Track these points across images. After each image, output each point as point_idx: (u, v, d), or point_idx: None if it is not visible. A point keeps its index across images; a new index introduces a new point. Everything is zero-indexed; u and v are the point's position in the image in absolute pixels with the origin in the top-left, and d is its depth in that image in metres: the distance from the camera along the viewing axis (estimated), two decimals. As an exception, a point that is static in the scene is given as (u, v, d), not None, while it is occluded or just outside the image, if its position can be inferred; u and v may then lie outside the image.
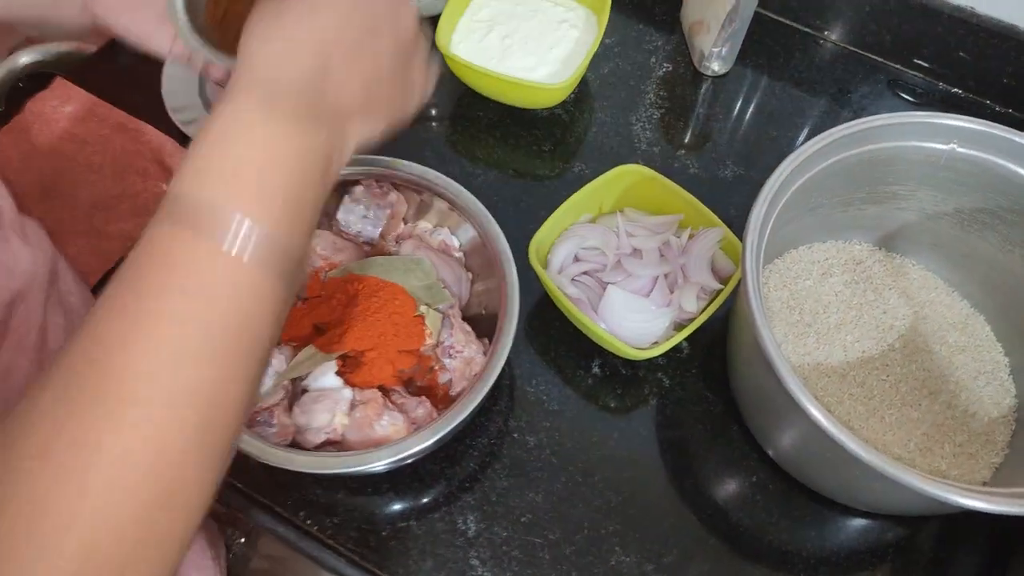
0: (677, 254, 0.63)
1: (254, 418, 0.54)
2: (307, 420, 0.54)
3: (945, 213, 0.64)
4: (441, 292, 0.59)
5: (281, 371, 0.55)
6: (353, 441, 0.54)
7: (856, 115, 0.81)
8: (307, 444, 0.54)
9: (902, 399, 0.62)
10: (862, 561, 0.59)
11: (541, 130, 0.78)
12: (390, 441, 0.53)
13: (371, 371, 0.57)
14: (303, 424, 0.54)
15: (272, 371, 0.55)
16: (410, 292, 0.58)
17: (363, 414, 0.54)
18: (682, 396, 0.65)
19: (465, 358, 0.57)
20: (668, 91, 0.81)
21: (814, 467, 0.58)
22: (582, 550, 0.58)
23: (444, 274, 0.61)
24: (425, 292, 0.59)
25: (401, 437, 0.53)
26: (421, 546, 0.58)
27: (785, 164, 0.55)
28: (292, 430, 0.55)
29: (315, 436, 0.54)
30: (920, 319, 0.66)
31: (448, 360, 0.57)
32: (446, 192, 0.62)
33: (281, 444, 0.53)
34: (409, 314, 0.58)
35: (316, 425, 0.54)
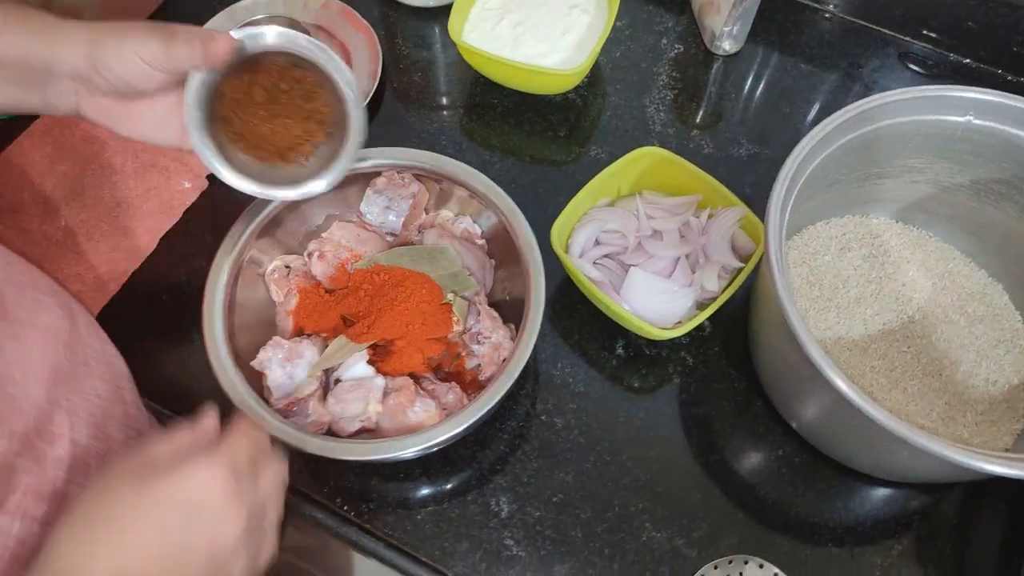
0: (697, 234, 0.64)
1: (291, 409, 0.55)
2: (342, 409, 0.55)
3: (961, 185, 0.65)
4: (467, 280, 0.60)
5: (314, 363, 0.57)
6: (387, 428, 0.55)
7: (867, 89, 0.81)
8: (342, 432, 0.56)
9: (923, 370, 0.62)
10: (888, 529, 0.60)
11: (555, 116, 0.79)
12: (423, 427, 0.54)
13: (401, 359, 0.58)
14: (338, 413, 0.56)
15: (305, 363, 0.57)
16: (436, 281, 0.59)
17: (396, 401, 0.55)
18: (705, 374, 0.66)
19: (493, 344, 0.58)
20: (680, 72, 0.81)
21: (839, 438, 0.59)
22: (613, 527, 0.59)
23: (468, 262, 0.62)
24: (451, 280, 0.60)
25: (434, 423, 0.55)
26: (456, 528, 0.59)
27: (803, 143, 0.55)
28: (327, 419, 0.56)
29: (350, 424, 0.55)
30: (939, 291, 0.66)
31: (476, 346, 0.59)
32: (466, 180, 0.63)
33: (317, 434, 0.55)
34: (436, 302, 0.59)
35: (351, 414, 0.55)
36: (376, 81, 0.77)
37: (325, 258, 0.63)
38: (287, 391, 0.56)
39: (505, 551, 0.59)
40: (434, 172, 0.64)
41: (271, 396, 0.56)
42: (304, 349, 0.57)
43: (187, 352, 0.65)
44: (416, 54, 0.83)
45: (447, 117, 0.79)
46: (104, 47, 0.46)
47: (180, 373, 0.64)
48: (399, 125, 0.78)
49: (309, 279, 0.63)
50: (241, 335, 0.59)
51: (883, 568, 0.58)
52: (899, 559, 0.59)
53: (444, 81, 0.82)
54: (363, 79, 0.78)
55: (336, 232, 0.64)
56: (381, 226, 0.64)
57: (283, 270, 0.63)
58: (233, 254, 0.59)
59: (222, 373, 0.54)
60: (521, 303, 0.60)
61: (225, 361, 0.54)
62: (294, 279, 0.62)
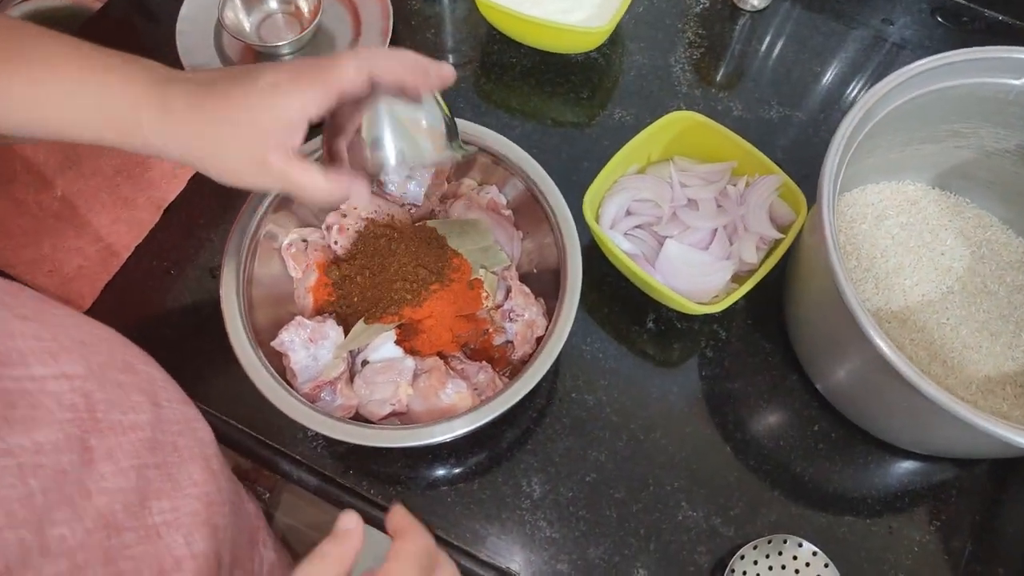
0: (736, 204, 0.61)
1: (317, 394, 0.53)
2: (370, 392, 0.53)
3: (1006, 150, 0.62)
4: (498, 254, 0.57)
5: (340, 343, 0.54)
6: (418, 411, 0.53)
7: (899, 47, 0.78)
8: (372, 417, 0.53)
9: (963, 342, 0.61)
10: (924, 503, 0.59)
11: (577, 76, 0.75)
12: (456, 409, 0.52)
13: (429, 338, 0.56)
14: (367, 396, 0.53)
15: (331, 343, 0.54)
16: (465, 255, 0.57)
17: (427, 383, 0.53)
18: (739, 347, 0.64)
19: (527, 321, 0.56)
20: (707, 29, 0.78)
21: (881, 412, 0.57)
22: (648, 507, 0.58)
23: (497, 234, 0.59)
24: (481, 254, 0.57)
25: (467, 404, 0.52)
26: (487, 510, 0.58)
27: (855, 111, 0.52)
28: (355, 403, 0.53)
29: (380, 408, 0.53)
30: (978, 259, 0.64)
31: (509, 324, 0.56)
32: (492, 146, 0.60)
33: (345, 418, 0.52)
34: (465, 279, 0.56)
35: (380, 397, 0.53)
36: (387, 39, 0.73)
37: (344, 230, 0.59)
38: (313, 374, 0.53)
39: (538, 533, 0.57)
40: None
41: (295, 380, 0.53)
42: (329, 329, 0.54)
43: (202, 329, 0.62)
44: (428, 9, 0.78)
45: (463, 77, 0.75)
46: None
47: (196, 354, 0.61)
48: (412, 86, 0.74)
49: (328, 253, 0.60)
50: (259, 312, 0.56)
51: (921, 543, 0.58)
52: (936, 533, 0.58)
53: (458, 38, 0.77)
54: (373, 36, 0.74)
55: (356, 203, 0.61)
56: (403, 196, 0.61)
57: (300, 244, 0.60)
58: (251, 228, 0.56)
59: (244, 356, 0.51)
60: (549, 274, 0.57)
61: (246, 344, 0.52)
62: (312, 254, 0.59)
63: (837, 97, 0.75)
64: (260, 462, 0.59)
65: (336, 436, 0.49)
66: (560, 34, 0.69)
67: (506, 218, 0.61)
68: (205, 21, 0.74)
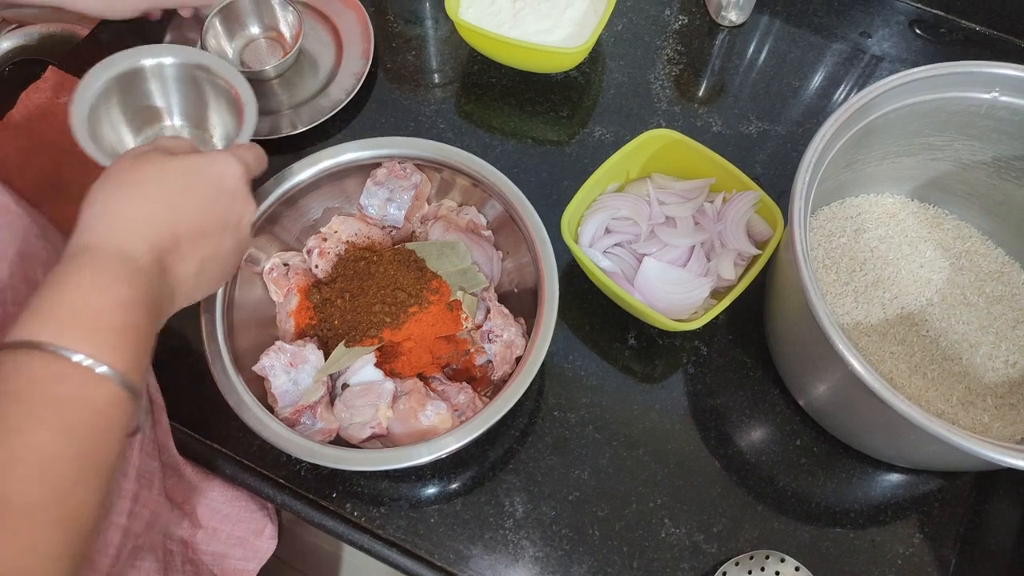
0: (713, 221, 0.61)
1: (297, 418, 0.53)
2: (350, 415, 0.53)
3: (982, 162, 0.63)
4: (476, 276, 0.58)
5: (320, 367, 0.54)
6: (398, 434, 0.53)
7: (878, 59, 0.79)
8: (352, 439, 0.54)
9: (943, 354, 0.61)
10: (908, 516, 0.59)
11: (557, 95, 0.75)
12: (436, 431, 0.52)
13: (410, 360, 0.56)
14: (347, 420, 0.53)
15: (311, 368, 0.54)
16: (444, 278, 0.57)
17: (407, 405, 0.53)
18: (720, 363, 0.64)
19: (505, 341, 0.56)
20: (685, 45, 0.78)
21: (860, 428, 0.57)
22: (631, 524, 0.58)
23: (476, 255, 0.59)
24: (460, 276, 0.57)
25: (447, 426, 0.53)
26: (470, 530, 0.58)
27: (825, 127, 0.53)
28: (336, 427, 0.54)
29: (360, 431, 0.53)
30: (957, 271, 0.65)
31: (488, 345, 0.56)
32: (470, 169, 0.60)
33: (325, 442, 0.53)
34: (444, 301, 0.57)
35: (360, 420, 0.53)
36: (368, 61, 0.74)
37: (325, 254, 0.60)
38: (293, 399, 0.53)
39: (522, 552, 0.57)
40: (435, 161, 0.61)
41: (276, 404, 0.54)
42: (308, 353, 0.54)
43: (183, 351, 0.63)
44: (409, 31, 0.79)
45: (444, 98, 0.76)
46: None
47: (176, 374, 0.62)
48: (394, 108, 0.75)
49: (309, 277, 0.60)
50: (240, 336, 0.56)
51: (905, 557, 0.58)
52: (921, 546, 0.58)
53: (439, 59, 0.78)
54: (355, 59, 0.74)
55: (336, 226, 0.61)
56: (383, 219, 0.62)
57: (282, 268, 0.60)
58: None
59: (223, 381, 0.52)
60: (530, 294, 0.58)
61: (226, 369, 0.52)
62: (294, 278, 0.59)
63: (816, 111, 0.75)
64: (244, 486, 0.60)
65: (313, 461, 0.50)
66: (538, 55, 0.70)
67: (485, 239, 0.62)
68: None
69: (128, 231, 0.40)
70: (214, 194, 0.45)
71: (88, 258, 0.39)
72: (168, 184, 0.43)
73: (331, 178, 0.61)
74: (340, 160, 0.60)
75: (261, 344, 0.56)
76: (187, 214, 0.43)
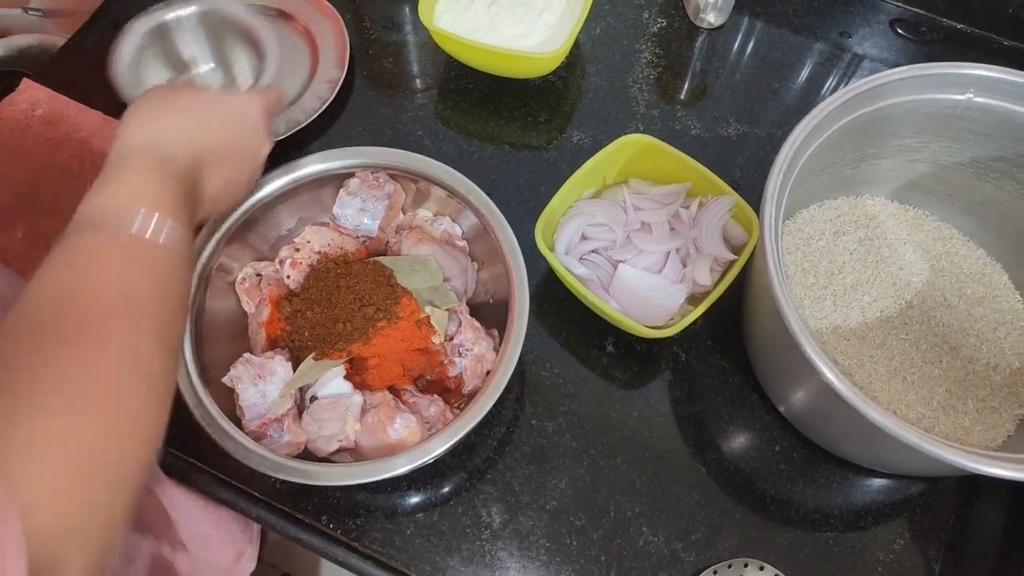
0: (688, 226, 0.61)
1: (264, 431, 0.52)
2: (318, 428, 0.53)
3: (960, 163, 0.62)
4: (447, 294, 0.57)
5: (287, 380, 0.54)
6: (366, 447, 0.53)
7: (858, 59, 0.78)
8: (319, 453, 0.53)
9: (923, 357, 0.61)
10: (889, 522, 0.59)
11: (535, 100, 0.75)
12: (405, 444, 0.52)
13: (380, 372, 0.56)
14: (314, 433, 0.53)
15: (278, 380, 0.54)
16: (415, 294, 0.56)
17: (375, 419, 0.53)
18: (699, 369, 0.64)
19: (476, 355, 0.55)
20: (664, 48, 0.78)
21: (838, 434, 0.57)
22: (610, 533, 0.58)
23: (450, 267, 0.59)
24: (430, 293, 0.57)
25: (416, 439, 0.52)
26: (447, 541, 0.57)
27: (799, 129, 0.52)
28: (303, 440, 0.53)
29: (327, 444, 0.53)
30: (937, 272, 0.64)
31: (459, 358, 0.56)
32: (444, 180, 0.60)
33: (292, 455, 0.52)
34: (414, 317, 0.56)
35: (328, 433, 0.53)
36: (344, 69, 0.73)
37: (297, 265, 0.59)
38: (261, 411, 0.53)
39: (499, 563, 0.57)
40: (410, 171, 0.60)
41: (244, 416, 0.53)
42: (276, 366, 0.54)
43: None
44: (386, 37, 0.79)
45: (421, 104, 0.75)
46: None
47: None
48: (371, 114, 0.74)
49: (281, 288, 0.60)
50: (211, 348, 0.56)
51: (885, 564, 0.57)
52: (901, 552, 0.58)
53: (417, 66, 0.78)
54: (330, 67, 0.74)
55: (309, 236, 0.61)
56: (356, 229, 0.61)
57: (254, 278, 0.60)
58: (201, 261, 0.56)
59: (189, 392, 0.51)
60: (505, 305, 0.57)
61: (192, 380, 0.51)
62: (266, 288, 0.59)
63: (796, 112, 0.75)
64: (220, 500, 0.59)
65: (276, 475, 0.49)
66: (514, 60, 0.69)
67: (460, 249, 0.61)
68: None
69: (167, 140, 0.45)
70: (238, 124, 0.50)
71: (136, 158, 0.43)
72: (200, 109, 0.48)
73: (305, 188, 0.61)
74: (314, 170, 0.60)
75: (234, 355, 0.55)
76: (215, 136, 0.48)
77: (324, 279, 0.58)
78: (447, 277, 0.59)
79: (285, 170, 0.60)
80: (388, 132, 0.74)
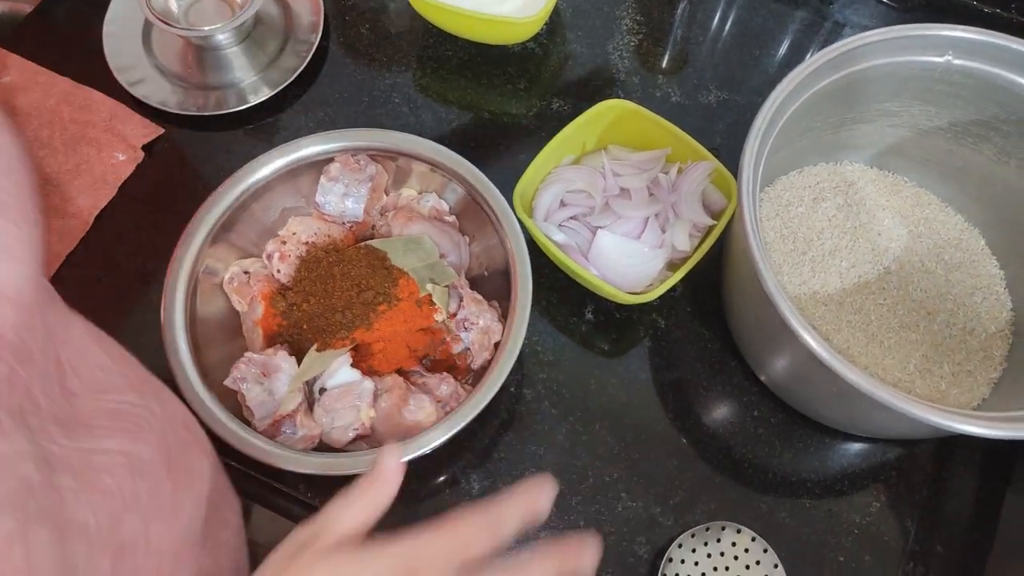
0: (667, 192, 0.60)
1: (277, 429, 0.52)
2: (332, 419, 0.52)
3: (939, 127, 0.62)
4: (445, 270, 0.57)
5: (294, 375, 0.53)
6: (384, 432, 0.52)
7: (839, 26, 0.78)
8: (336, 444, 0.53)
9: (900, 322, 0.61)
10: (865, 486, 0.59)
11: (514, 67, 0.74)
12: (421, 425, 0.52)
13: (386, 356, 0.55)
14: (328, 424, 0.52)
15: (285, 376, 0.53)
16: (411, 273, 0.56)
17: (389, 403, 0.52)
18: (678, 336, 0.64)
19: (482, 328, 0.55)
20: (644, 15, 0.77)
21: (815, 398, 0.57)
22: (588, 499, 0.58)
23: (443, 243, 0.58)
24: (428, 270, 0.56)
25: (432, 419, 0.52)
26: (427, 508, 0.57)
27: (776, 93, 0.52)
28: (318, 433, 0.52)
29: (343, 435, 0.52)
30: (915, 238, 0.64)
31: (465, 333, 0.55)
32: (425, 154, 0.59)
33: (309, 448, 0.52)
34: (414, 297, 0.55)
35: (342, 423, 0.52)
36: (318, 35, 0.72)
37: (286, 258, 0.58)
38: (270, 409, 0.52)
39: (478, 529, 0.57)
40: (389, 150, 0.59)
41: (253, 417, 0.53)
42: (281, 361, 0.53)
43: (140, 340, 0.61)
44: (362, 3, 0.77)
45: (399, 72, 0.74)
46: None
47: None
48: (347, 83, 0.73)
49: (272, 283, 0.58)
50: (208, 352, 0.55)
51: (861, 526, 0.58)
52: (877, 515, 0.58)
53: (394, 32, 0.76)
54: (304, 33, 0.73)
55: (294, 228, 0.59)
56: (341, 215, 0.60)
57: (242, 277, 0.58)
58: (186, 268, 0.55)
59: (197, 402, 0.50)
60: (500, 275, 0.57)
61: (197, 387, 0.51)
62: (256, 285, 0.58)
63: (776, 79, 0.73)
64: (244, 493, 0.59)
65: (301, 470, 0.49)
66: (492, 25, 0.68)
67: (450, 224, 0.61)
68: (134, 21, 0.73)
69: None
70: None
71: None
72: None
73: (283, 178, 0.60)
74: (290, 158, 0.59)
75: (231, 357, 0.54)
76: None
77: (316, 269, 0.57)
78: (442, 253, 0.58)
79: (260, 162, 0.58)
80: (365, 99, 0.72)
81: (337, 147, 0.59)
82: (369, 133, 0.59)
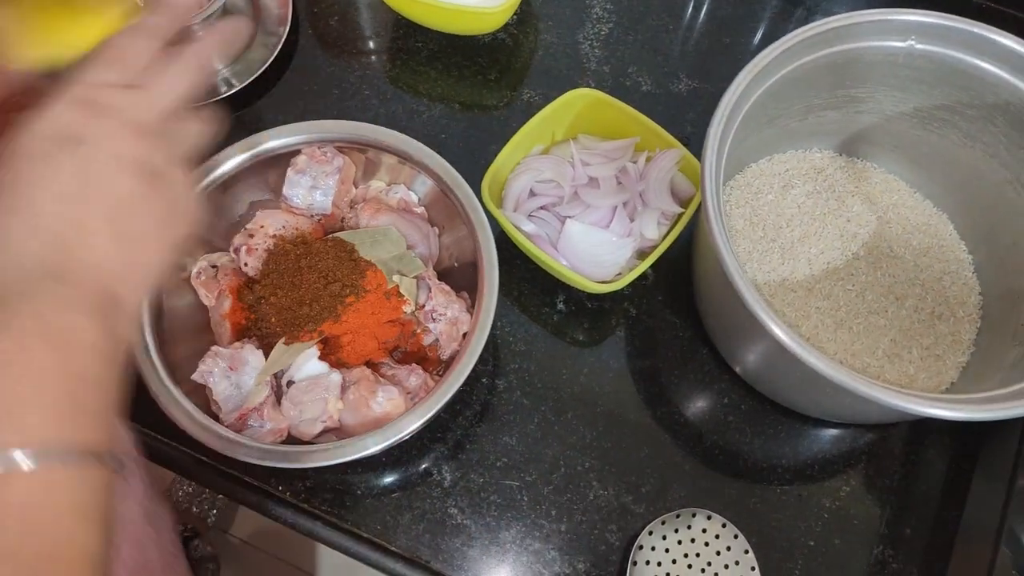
0: (635, 180, 0.60)
1: (244, 422, 0.52)
2: (299, 412, 0.52)
3: (904, 113, 0.62)
4: (413, 261, 0.56)
5: (261, 368, 0.53)
6: (352, 424, 0.52)
7: (810, 13, 0.78)
8: (304, 436, 0.52)
9: (868, 307, 0.61)
10: (835, 471, 0.60)
11: (485, 57, 0.74)
12: (389, 416, 0.51)
13: (355, 348, 0.55)
14: (296, 417, 0.52)
15: (251, 369, 0.53)
16: (379, 265, 0.56)
17: (357, 395, 0.52)
18: (650, 324, 0.64)
19: (450, 319, 0.55)
20: (615, 3, 0.77)
21: (783, 385, 0.58)
22: (560, 488, 0.58)
23: (411, 234, 0.58)
24: (396, 262, 0.56)
25: (400, 411, 0.52)
26: (397, 501, 0.57)
27: (740, 77, 0.52)
28: (286, 426, 0.52)
29: (311, 427, 0.52)
30: (884, 224, 0.65)
31: (433, 324, 0.55)
32: (394, 145, 0.59)
33: (277, 442, 0.52)
34: (382, 289, 0.55)
35: (310, 415, 0.52)
36: (287, 27, 0.71)
37: (253, 251, 0.58)
38: (237, 403, 0.52)
39: (449, 520, 0.57)
40: (357, 141, 0.59)
41: (220, 411, 0.52)
42: (247, 355, 0.52)
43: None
44: (332, -5, 0.77)
45: (369, 64, 0.74)
46: None
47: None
48: (316, 75, 0.73)
49: (240, 276, 0.58)
50: (175, 346, 0.54)
51: (831, 510, 0.58)
52: (847, 499, 0.59)
53: (364, 24, 0.76)
54: (272, 25, 0.72)
55: (261, 221, 0.59)
56: (309, 208, 0.60)
57: (210, 271, 0.58)
58: None
59: (163, 394, 0.50)
60: (470, 267, 0.57)
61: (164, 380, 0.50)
62: (223, 279, 0.57)
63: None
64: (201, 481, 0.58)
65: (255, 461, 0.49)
66: (461, 15, 0.68)
67: (419, 216, 0.60)
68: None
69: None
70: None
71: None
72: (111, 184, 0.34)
73: (251, 172, 0.59)
74: (255, 151, 0.58)
75: (200, 351, 0.54)
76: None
77: (284, 262, 0.56)
78: (410, 245, 0.58)
79: (225, 155, 0.57)
80: (335, 92, 0.72)
81: (303, 139, 0.59)
82: (336, 125, 0.59)
